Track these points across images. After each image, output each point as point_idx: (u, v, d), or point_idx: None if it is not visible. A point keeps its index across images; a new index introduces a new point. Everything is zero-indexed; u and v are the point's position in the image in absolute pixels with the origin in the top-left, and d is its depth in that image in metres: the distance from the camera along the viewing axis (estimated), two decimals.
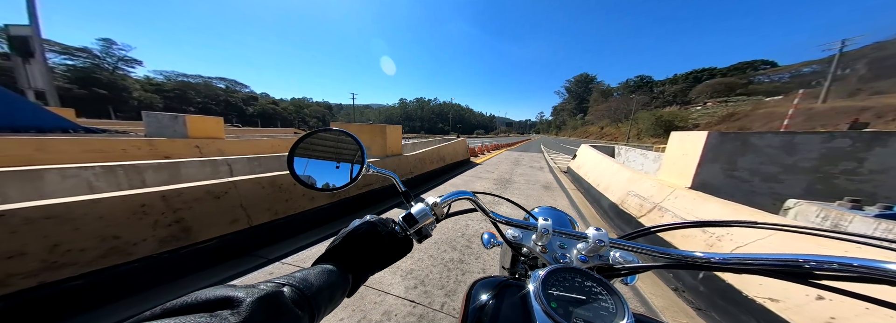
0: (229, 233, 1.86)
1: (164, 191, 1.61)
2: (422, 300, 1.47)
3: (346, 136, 0.48)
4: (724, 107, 31.97)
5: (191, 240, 1.66)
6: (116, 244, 1.38)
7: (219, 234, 1.80)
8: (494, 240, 0.58)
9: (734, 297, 1.27)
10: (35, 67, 10.19)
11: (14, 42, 9.78)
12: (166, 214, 1.59)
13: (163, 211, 1.58)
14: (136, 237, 1.45)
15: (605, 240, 0.38)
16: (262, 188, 2.15)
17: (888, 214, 1.37)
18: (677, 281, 1.66)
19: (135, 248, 1.44)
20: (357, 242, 0.38)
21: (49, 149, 3.57)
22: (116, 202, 1.42)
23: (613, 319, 0.29)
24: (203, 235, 1.73)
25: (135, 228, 1.46)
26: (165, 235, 1.56)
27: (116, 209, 1.41)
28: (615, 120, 53.94)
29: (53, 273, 1.20)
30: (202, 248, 1.71)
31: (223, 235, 1.82)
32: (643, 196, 2.54)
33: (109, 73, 54.94)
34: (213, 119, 5.98)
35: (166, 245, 1.55)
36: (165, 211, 1.59)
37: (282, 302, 0.24)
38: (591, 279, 0.33)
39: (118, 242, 1.39)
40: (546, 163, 8.79)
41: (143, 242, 1.47)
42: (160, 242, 1.53)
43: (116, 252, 1.38)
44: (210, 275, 1.66)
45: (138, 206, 1.50)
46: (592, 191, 3.89)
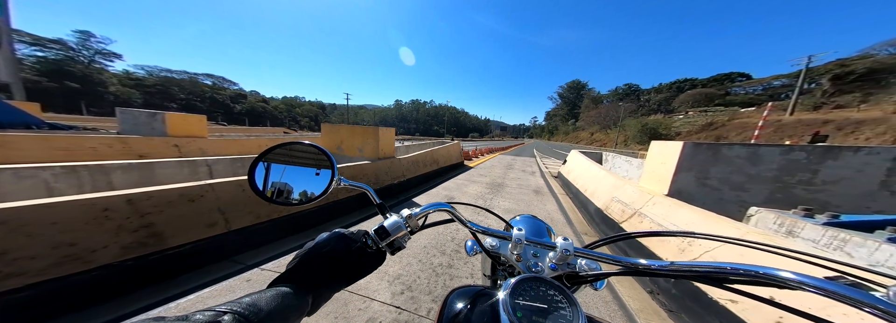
0: (205, 238, 1.75)
1: (131, 194, 1.50)
2: (408, 306, 1.44)
3: (315, 150, 0.48)
4: (703, 116, 33.67)
5: (160, 245, 1.55)
6: (72, 252, 1.27)
7: (194, 239, 1.70)
8: (477, 247, 0.59)
9: (701, 298, 1.35)
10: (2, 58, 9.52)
11: None
12: (132, 219, 1.48)
13: (128, 216, 1.47)
14: (95, 244, 1.34)
15: (571, 249, 0.41)
16: (242, 191, 2.05)
17: (835, 223, 1.50)
18: (652, 284, 1.74)
19: (94, 255, 1.32)
20: (320, 259, 0.37)
21: (7, 146, 3.30)
22: (74, 207, 1.31)
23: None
24: (175, 240, 1.62)
25: (94, 234, 1.34)
26: (130, 241, 1.44)
27: (74, 214, 1.30)
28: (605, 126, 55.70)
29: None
30: (173, 254, 1.60)
31: (198, 239, 1.72)
32: (625, 202, 2.64)
33: (84, 67, 52.13)
34: (196, 117, 5.73)
35: (131, 252, 1.44)
36: (131, 216, 1.48)
37: None
38: (554, 288, 0.35)
39: (74, 250, 1.27)
40: (538, 167, 8.93)
41: (103, 249, 1.35)
42: (123, 248, 1.42)
43: (72, 260, 1.26)
44: (182, 282, 1.56)
45: (100, 210, 1.38)
46: (581, 196, 3.97)
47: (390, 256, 0.44)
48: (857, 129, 16.60)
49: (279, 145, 0.47)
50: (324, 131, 4.37)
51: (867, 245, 1.18)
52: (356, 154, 4.08)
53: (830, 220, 1.53)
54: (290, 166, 0.47)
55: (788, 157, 2.33)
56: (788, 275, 0.27)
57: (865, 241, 1.20)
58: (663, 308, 1.56)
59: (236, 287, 1.56)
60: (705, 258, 1.49)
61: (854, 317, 0.20)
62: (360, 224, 2.76)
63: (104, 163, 2.39)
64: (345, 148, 4.19)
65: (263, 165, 0.46)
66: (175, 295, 1.44)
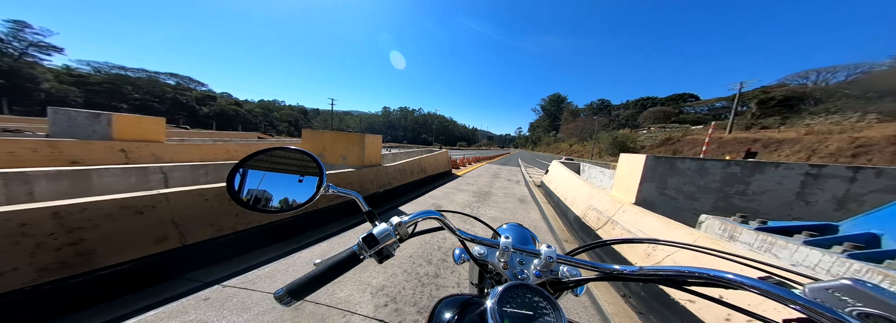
0: (152, 254, 1.53)
1: (58, 207, 1.29)
2: (392, 319, 1.36)
3: (303, 155, 0.46)
4: (662, 131, 38.04)
5: (90, 266, 1.32)
6: None
7: (136, 256, 1.47)
8: (465, 256, 0.60)
9: (665, 300, 1.47)
10: None
11: None
12: (57, 235, 1.25)
13: (52, 232, 1.24)
14: (5, 266, 1.10)
15: (554, 256, 0.42)
16: (204, 201, 1.85)
17: (764, 228, 1.76)
18: (625, 288, 1.87)
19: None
20: None
21: None
22: None
23: None
24: (111, 258, 1.39)
25: (3, 255, 1.11)
26: (49, 261, 1.22)
27: None
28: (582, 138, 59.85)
29: None
30: (107, 274, 1.36)
31: (142, 257, 1.49)
32: (600, 210, 2.82)
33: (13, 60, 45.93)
34: (153, 119, 5.19)
35: (48, 274, 1.20)
36: (56, 231, 1.25)
37: None
38: (539, 295, 0.37)
39: None
40: (523, 176, 9.21)
41: (12, 272, 1.11)
42: (39, 270, 1.18)
43: None
44: (124, 304, 1.33)
45: (15, 226, 1.16)
46: (561, 204, 4.15)
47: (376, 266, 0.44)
48: (778, 147, 19.76)
49: (264, 150, 0.45)
50: (305, 137, 4.17)
51: (788, 247, 1.41)
52: (339, 161, 3.92)
53: (760, 225, 1.79)
54: (275, 173, 0.45)
55: (727, 171, 2.68)
56: (731, 276, 0.31)
57: (787, 244, 1.42)
58: (635, 311, 1.65)
59: (190, 307, 1.36)
60: (667, 262, 1.65)
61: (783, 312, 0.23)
62: (343, 234, 2.58)
63: (26, 170, 2.03)
64: (327, 155, 4.02)
65: (245, 169, 0.44)
66: (114, 319, 1.23)
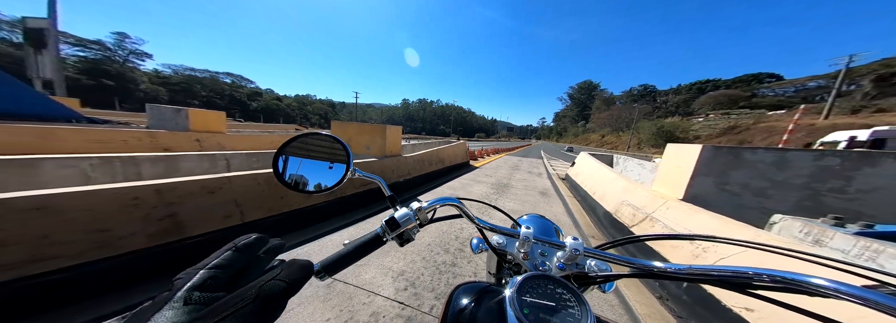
0: (221, 229, 1.84)
1: (159, 184, 1.60)
2: (411, 302, 1.45)
3: (333, 141, 0.48)
4: (726, 119, 31.81)
5: (182, 235, 1.64)
6: (104, 238, 1.36)
7: (211, 229, 1.79)
8: (483, 245, 0.58)
9: (713, 306, 1.29)
10: (46, 58, 10.30)
11: (29, 34, 9.90)
12: (158, 208, 1.57)
13: (155, 205, 1.56)
14: (124, 231, 1.43)
15: (581, 249, 0.40)
16: (257, 184, 2.14)
17: (868, 232, 1.40)
18: (662, 289, 1.68)
19: (122, 242, 1.42)
20: None
21: (50, 137, 3.57)
22: (109, 195, 1.41)
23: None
24: (195, 230, 1.71)
25: (124, 222, 1.44)
26: (155, 230, 1.54)
27: (108, 202, 1.40)
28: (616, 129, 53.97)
29: (36, 266, 1.18)
30: (191, 243, 1.68)
31: (215, 230, 1.80)
32: (636, 206, 2.55)
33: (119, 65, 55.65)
34: (215, 113, 6.00)
35: (155, 240, 1.53)
36: (158, 205, 1.57)
37: None
38: (563, 287, 0.35)
39: (106, 236, 1.37)
40: (545, 169, 8.78)
41: (131, 236, 1.45)
42: (150, 236, 1.51)
43: (104, 246, 1.36)
44: None
45: (130, 199, 1.48)
46: (589, 199, 3.88)
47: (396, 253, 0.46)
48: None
49: (301, 135, 0.48)
50: (333, 128, 4.47)
51: None
52: (363, 151, 4.15)
53: (863, 229, 1.45)
54: (308, 157, 0.48)
55: (820, 164, 2.17)
56: (822, 282, 0.25)
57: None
58: (672, 314, 1.50)
59: None
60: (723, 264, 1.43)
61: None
62: (367, 220, 2.81)
63: (135, 155, 2.55)
64: (352, 145, 4.26)
65: (285, 155, 0.47)
66: None
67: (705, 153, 2.32)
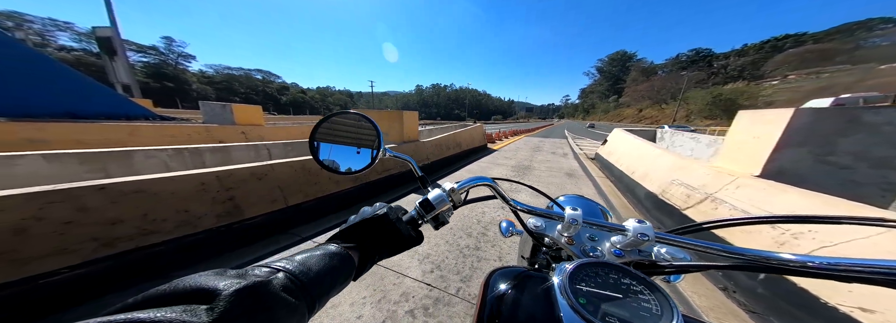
0: (270, 211, 2.09)
1: (218, 171, 1.83)
2: (438, 284, 1.50)
3: (363, 121, 0.47)
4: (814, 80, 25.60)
5: (241, 216, 1.91)
6: (186, 217, 1.64)
7: (263, 211, 2.04)
8: (513, 228, 0.55)
9: (808, 302, 1.06)
10: (119, 64, 11.86)
11: (101, 42, 11.35)
12: (221, 193, 1.82)
13: (218, 189, 1.81)
14: (200, 211, 1.70)
15: (650, 234, 0.33)
16: (294, 171, 2.34)
17: None
18: (727, 280, 1.46)
19: (199, 221, 1.69)
20: (369, 226, 0.37)
21: (136, 133, 4.28)
22: (185, 180, 1.65)
23: (658, 320, 0.25)
24: (250, 212, 1.97)
25: (198, 204, 1.70)
26: (221, 211, 1.80)
27: (185, 186, 1.65)
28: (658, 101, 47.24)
29: (144, 238, 1.48)
30: (249, 224, 1.95)
31: (266, 213, 2.06)
32: (691, 185, 2.21)
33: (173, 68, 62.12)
34: (253, 107, 6.52)
35: (222, 220, 1.80)
36: (220, 189, 1.82)
37: (268, 293, 0.22)
38: (630, 276, 0.29)
39: (187, 216, 1.64)
40: (570, 149, 8.21)
41: (204, 216, 1.72)
42: (217, 216, 1.78)
43: (187, 224, 1.64)
44: (256, 249, 1.88)
45: (199, 184, 1.73)
46: (625, 179, 3.54)
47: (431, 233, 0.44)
48: None
49: (332, 115, 0.47)
50: None
51: None
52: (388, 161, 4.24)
53: None
54: (341, 139, 0.48)
55: None
56: None
57: None
58: (743, 308, 1.27)
59: None
60: (823, 254, 1.16)
61: None
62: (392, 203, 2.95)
63: (199, 146, 2.94)
64: None
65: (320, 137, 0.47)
66: (253, 260, 1.74)
67: (801, 118, 1.82)
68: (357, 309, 1.31)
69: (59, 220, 1.24)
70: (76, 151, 2.21)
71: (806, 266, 0.25)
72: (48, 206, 1.22)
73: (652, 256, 0.36)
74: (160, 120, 7.19)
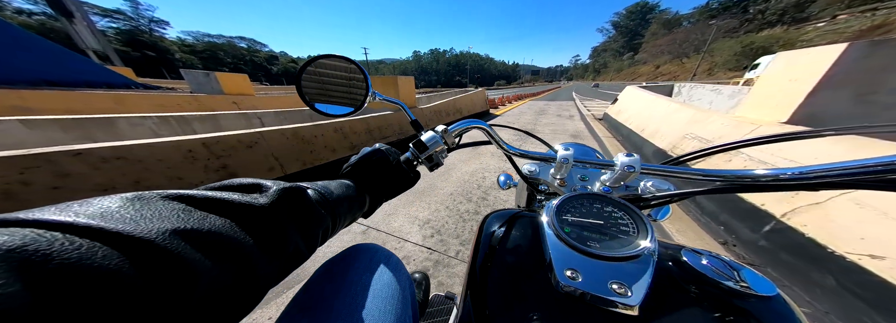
0: (269, 180, 2.04)
1: (204, 138, 1.69)
2: (438, 248, 1.49)
3: (349, 64, 0.45)
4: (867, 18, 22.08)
5: None
6: (181, 185, 1.58)
7: None
8: (510, 181, 0.55)
9: (811, 252, 1.00)
10: (80, 27, 10.49)
11: (52, 2, 9.78)
12: (212, 160, 1.72)
13: (208, 157, 1.70)
14: (195, 179, 1.64)
15: (636, 166, 0.33)
16: (286, 139, 2.19)
17: None
18: (729, 234, 1.42)
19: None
20: (372, 166, 0.38)
21: (124, 102, 4.04)
22: (169, 146, 1.53)
23: (634, 240, 0.26)
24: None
25: (191, 171, 1.62)
26: (216, 179, 1.74)
27: (170, 153, 1.54)
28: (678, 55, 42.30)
29: None
30: None
31: None
32: (706, 138, 2.03)
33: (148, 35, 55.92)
34: (240, 76, 5.95)
35: None
36: (210, 157, 1.71)
37: (305, 197, 0.25)
38: (613, 204, 0.30)
39: (182, 183, 1.58)
40: (577, 110, 7.65)
41: (202, 184, 1.67)
42: None
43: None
44: None
45: (186, 151, 1.62)
46: (634, 137, 3.33)
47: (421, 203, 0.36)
48: None
49: (319, 57, 0.45)
50: None
51: None
52: (377, 106, 3.95)
53: None
54: (329, 81, 0.46)
55: None
56: None
57: None
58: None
59: None
60: None
61: None
62: None
63: (185, 114, 2.74)
64: None
65: (307, 76, 0.45)
66: None
67: (852, 53, 1.54)
68: None
69: (46, 185, 1.18)
70: (57, 117, 2.04)
71: (779, 179, 0.24)
72: (28, 171, 1.14)
73: (638, 190, 0.36)
74: (144, 89, 6.74)
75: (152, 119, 2.46)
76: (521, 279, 0.26)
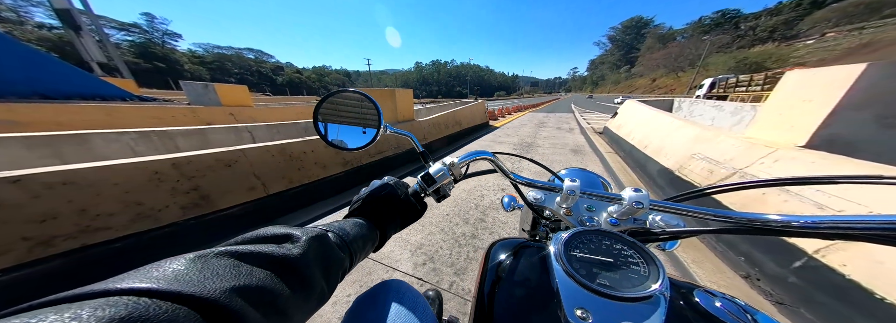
0: (249, 201, 1.86)
1: (174, 158, 1.54)
2: (430, 278, 1.35)
3: (363, 98, 0.47)
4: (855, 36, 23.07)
5: (213, 207, 1.67)
6: (141, 210, 1.40)
7: (239, 201, 1.81)
8: (515, 203, 0.57)
9: (854, 296, 0.90)
10: (87, 40, 10.77)
11: (61, 16, 10.14)
12: (181, 182, 1.56)
13: (177, 179, 1.54)
14: (158, 204, 1.46)
15: (645, 202, 0.33)
16: (271, 156, 2.04)
17: None
18: (751, 266, 1.28)
19: (161, 214, 1.46)
20: (381, 200, 0.39)
21: (116, 114, 3.92)
22: (129, 169, 1.37)
23: (644, 281, 0.25)
24: (224, 202, 1.73)
25: (154, 195, 1.45)
26: (186, 203, 1.56)
27: (131, 176, 1.38)
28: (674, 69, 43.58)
29: (92, 236, 1.26)
30: (226, 215, 1.73)
31: (243, 202, 1.83)
32: (716, 159, 1.92)
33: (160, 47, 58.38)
34: (239, 87, 5.96)
35: (190, 211, 1.57)
36: (180, 178, 1.55)
37: (328, 242, 0.27)
38: (622, 242, 0.30)
39: (142, 208, 1.40)
40: (577, 123, 7.65)
41: (166, 209, 1.48)
42: (183, 208, 1.55)
43: (144, 218, 1.41)
44: None
45: (152, 173, 1.45)
46: (636, 154, 3.21)
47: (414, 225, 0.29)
48: None
49: (333, 93, 0.47)
50: None
51: None
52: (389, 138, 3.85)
53: None
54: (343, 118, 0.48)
55: None
56: None
57: None
58: (769, 300, 1.11)
59: None
60: None
61: None
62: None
63: (169, 129, 2.61)
64: None
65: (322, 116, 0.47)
66: None
67: (872, 74, 1.47)
68: (340, 308, 1.16)
69: None
70: (21, 135, 1.91)
71: (789, 226, 0.24)
72: None
73: (647, 223, 0.36)
74: (139, 100, 6.70)
75: (130, 135, 2.33)
76: (529, 312, 0.27)
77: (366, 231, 0.33)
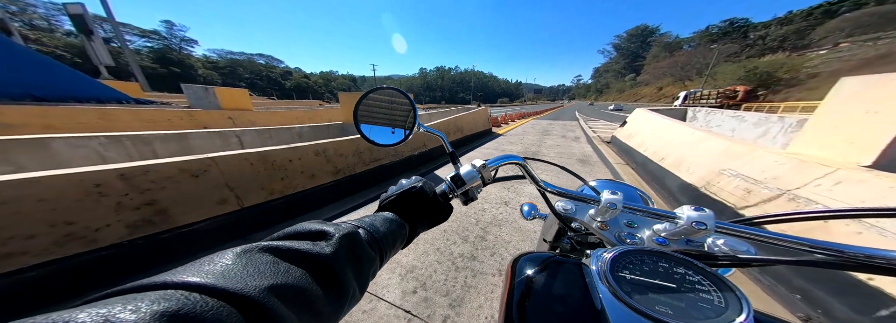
0: (218, 215, 1.61)
1: (123, 169, 1.31)
2: (420, 312, 1.12)
3: (401, 96, 0.49)
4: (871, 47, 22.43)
5: (170, 224, 1.43)
6: (72, 230, 1.16)
7: (205, 216, 1.56)
8: (536, 212, 0.57)
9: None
10: (97, 44, 11.05)
11: (75, 21, 10.46)
12: (132, 196, 1.32)
13: (126, 192, 1.31)
14: (97, 223, 1.22)
15: (708, 223, 0.29)
16: (249, 165, 1.81)
17: None
18: (811, 307, 1.04)
19: (98, 234, 1.22)
20: (412, 197, 0.39)
21: (109, 117, 3.80)
22: (60, 182, 1.15)
23: (722, 312, 0.21)
24: (186, 217, 1.49)
25: (92, 213, 1.22)
26: (135, 220, 1.32)
27: (62, 190, 1.15)
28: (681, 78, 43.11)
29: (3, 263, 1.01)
30: (188, 232, 1.49)
31: (211, 217, 1.58)
32: (753, 178, 1.64)
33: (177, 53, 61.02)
34: (239, 91, 5.88)
35: (139, 230, 1.33)
36: (129, 192, 1.32)
37: (359, 239, 0.27)
38: (685, 266, 0.26)
39: (74, 229, 1.17)
40: (582, 132, 7.39)
41: (107, 228, 1.24)
42: (130, 227, 1.30)
43: (75, 239, 1.17)
44: None
45: (92, 186, 1.22)
46: (650, 165, 2.92)
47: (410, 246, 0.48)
48: None
49: (372, 90, 0.49)
50: (341, 100, 3.97)
51: None
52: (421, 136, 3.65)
53: None
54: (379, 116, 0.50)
55: None
56: None
57: None
58: None
59: None
60: None
61: None
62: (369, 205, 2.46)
63: (144, 133, 2.42)
64: None
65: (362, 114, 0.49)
66: None
67: None
68: None
69: None
70: None
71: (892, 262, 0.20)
72: None
73: (704, 246, 0.32)
74: (136, 103, 6.65)
75: (99, 139, 2.13)
76: None
77: (396, 227, 0.33)
